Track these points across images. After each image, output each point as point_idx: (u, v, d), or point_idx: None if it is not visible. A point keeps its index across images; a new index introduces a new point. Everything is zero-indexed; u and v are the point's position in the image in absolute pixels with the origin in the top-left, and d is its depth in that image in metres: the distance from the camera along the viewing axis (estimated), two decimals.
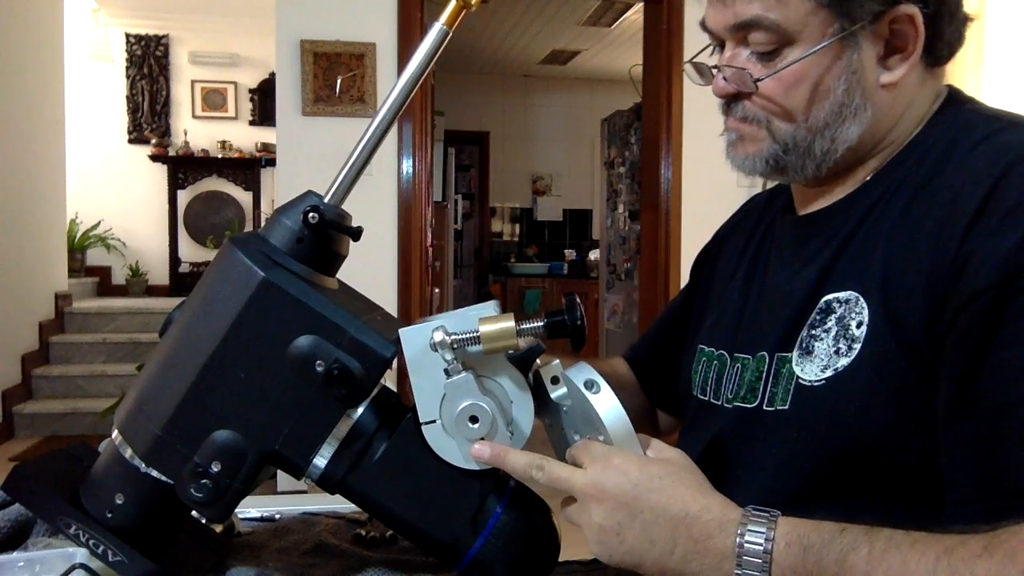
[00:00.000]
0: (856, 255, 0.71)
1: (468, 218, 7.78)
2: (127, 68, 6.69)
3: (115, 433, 0.67)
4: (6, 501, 0.84)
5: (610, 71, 7.26)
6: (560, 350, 0.67)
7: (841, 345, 0.68)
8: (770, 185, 0.93)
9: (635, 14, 5.46)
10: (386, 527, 0.85)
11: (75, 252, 6.20)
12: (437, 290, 4.66)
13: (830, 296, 0.71)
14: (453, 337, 0.62)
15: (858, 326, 0.67)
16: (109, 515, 0.68)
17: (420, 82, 0.66)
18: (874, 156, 0.75)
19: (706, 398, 0.83)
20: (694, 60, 0.79)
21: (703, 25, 0.77)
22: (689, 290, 0.99)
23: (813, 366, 0.70)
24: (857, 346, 0.67)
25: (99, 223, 6.53)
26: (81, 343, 5.15)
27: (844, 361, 0.67)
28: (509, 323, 0.62)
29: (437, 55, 0.65)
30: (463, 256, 7.68)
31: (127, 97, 6.71)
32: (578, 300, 0.65)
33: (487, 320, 0.63)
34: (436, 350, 0.62)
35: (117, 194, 6.62)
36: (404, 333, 0.65)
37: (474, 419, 0.63)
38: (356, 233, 0.66)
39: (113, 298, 6.26)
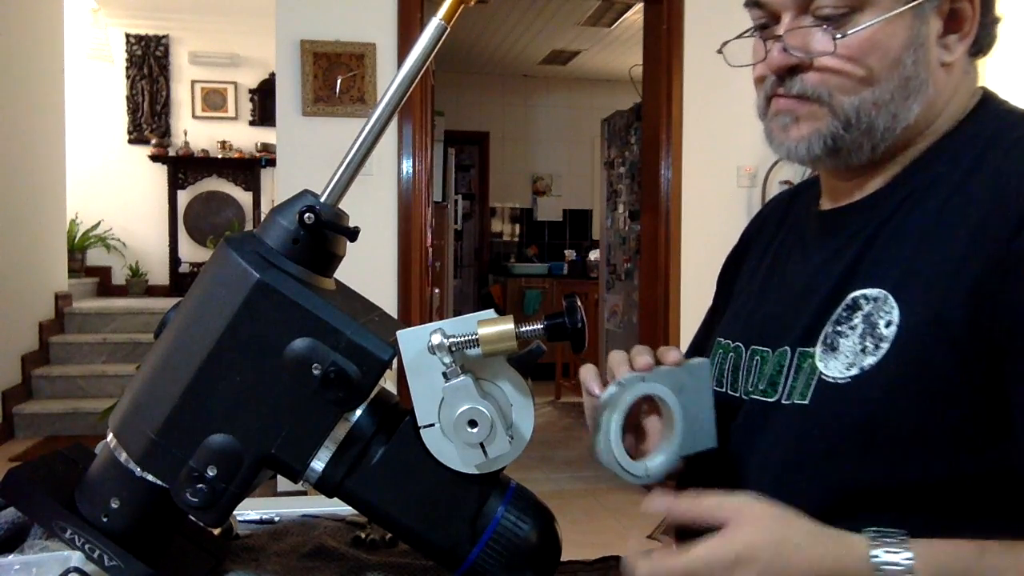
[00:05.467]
0: (884, 251, 0.70)
1: (468, 218, 7.78)
2: (127, 68, 6.69)
3: (110, 436, 0.67)
4: (1, 504, 0.84)
5: (610, 71, 7.25)
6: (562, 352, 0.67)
7: (868, 343, 0.67)
8: (774, 186, 0.92)
9: (635, 14, 5.46)
10: (385, 530, 0.84)
11: (75, 252, 6.21)
12: (437, 290, 4.65)
13: (857, 292, 0.70)
14: (451, 340, 0.61)
15: (887, 325, 0.66)
16: (104, 519, 0.67)
17: (418, 78, 0.65)
18: (913, 145, 0.74)
19: (723, 390, 0.82)
20: (735, 39, 0.77)
21: (748, 1, 0.74)
22: (716, 303, 0.98)
23: (838, 363, 0.68)
24: (885, 345, 0.66)
25: (99, 223, 6.53)
26: (81, 343, 5.16)
27: (870, 360, 0.66)
28: (508, 326, 0.62)
29: (435, 51, 0.65)
30: (463, 256, 7.68)
31: (127, 97, 6.71)
32: (579, 302, 0.64)
33: (486, 323, 0.62)
34: (434, 353, 0.62)
35: (117, 194, 6.63)
36: (402, 335, 0.64)
37: (473, 423, 0.63)
38: (352, 234, 0.65)
39: (113, 298, 6.27)
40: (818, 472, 0.68)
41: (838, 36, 0.68)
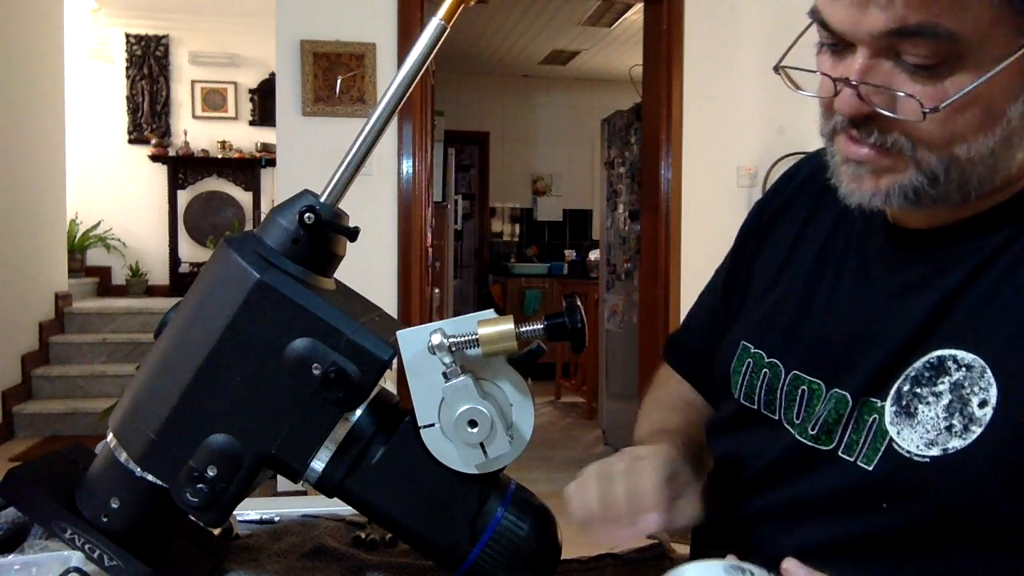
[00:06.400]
0: (982, 305, 0.60)
1: (468, 218, 7.78)
2: (127, 68, 6.70)
3: (110, 436, 0.67)
4: (1, 504, 0.84)
5: (610, 71, 7.25)
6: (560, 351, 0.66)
7: (955, 422, 0.58)
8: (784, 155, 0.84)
9: (635, 14, 5.46)
10: (385, 530, 0.84)
11: (75, 252, 6.22)
12: (437, 290, 4.65)
13: (945, 352, 0.60)
14: (451, 340, 0.61)
15: (980, 405, 0.57)
16: (104, 519, 0.67)
17: (417, 78, 0.65)
18: (1017, 182, 0.63)
19: (754, 407, 0.75)
20: (784, 65, 0.65)
21: (817, 17, 0.60)
22: (731, 265, 0.88)
23: (914, 434, 0.60)
24: (976, 429, 0.57)
25: (99, 223, 6.54)
26: (81, 343, 5.16)
27: (956, 443, 0.58)
28: (508, 326, 0.62)
29: (435, 51, 0.65)
30: (463, 256, 7.68)
31: (127, 97, 6.71)
32: (579, 302, 0.63)
33: (486, 323, 0.62)
34: (434, 353, 0.62)
35: (117, 194, 6.63)
36: (402, 335, 0.64)
37: (473, 423, 0.63)
38: (352, 234, 0.65)
39: (113, 298, 6.27)
40: (888, 552, 0.62)
41: (927, 110, 0.56)
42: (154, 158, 6.65)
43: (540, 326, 0.63)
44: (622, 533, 0.66)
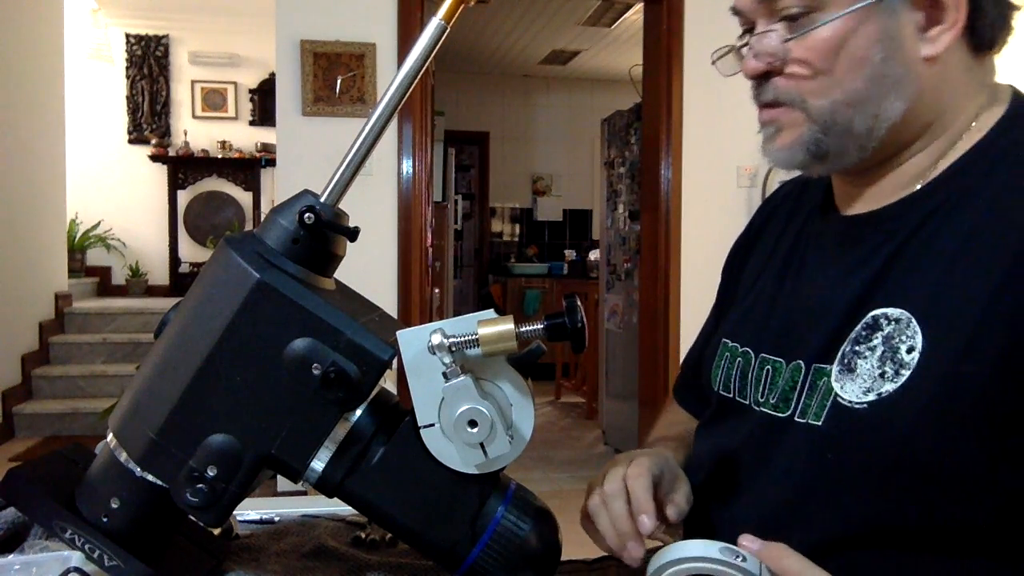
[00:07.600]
0: (909, 269, 0.66)
1: (468, 218, 7.78)
2: (127, 68, 6.70)
3: (110, 436, 0.67)
4: (1, 504, 0.84)
5: (610, 71, 7.25)
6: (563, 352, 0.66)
7: (887, 368, 0.64)
8: (774, 186, 0.91)
9: (635, 14, 5.46)
10: (385, 530, 0.84)
11: (75, 252, 6.22)
12: (437, 290, 4.65)
13: (878, 311, 0.66)
14: (451, 340, 0.61)
15: (908, 351, 0.63)
16: (104, 519, 0.67)
17: (417, 78, 0.65)
18: (923, 149, 0.70)
19: (730, 395, 0.80)
20: (721, 54, 0.77)
21: (733, 9, 0.74)
22: (721, 294, 0.95)
23: (854, 386, 0.66)
24: (905, 372, 0.63)
25: (99, 223, 6.54)
26: (81, 343, 5.16)
27: (889, 387, 0.63)
28: (508, 326, 0.62)
29: (435, 51, 0.65)
30: (463, 256, 7.68)
31: (127, 97, 6.72)
32: (579, 302, 0.64)
33: (486, 323, 0.62)
34: (434, 353, 0.62)
35: (117, 194, 6.63)
36: (402, 335, 0.64)
37: (473, 423, 0.63)
38: (352, 234, 0.65)
39: (113, 298, 6.28)
40: (832, 500, 0.66)
41: (789, 37, 0.67)
42: (154, 158, 6.65)
43: (540, 326, 0.63)
44: (631, 543, 0.70)
